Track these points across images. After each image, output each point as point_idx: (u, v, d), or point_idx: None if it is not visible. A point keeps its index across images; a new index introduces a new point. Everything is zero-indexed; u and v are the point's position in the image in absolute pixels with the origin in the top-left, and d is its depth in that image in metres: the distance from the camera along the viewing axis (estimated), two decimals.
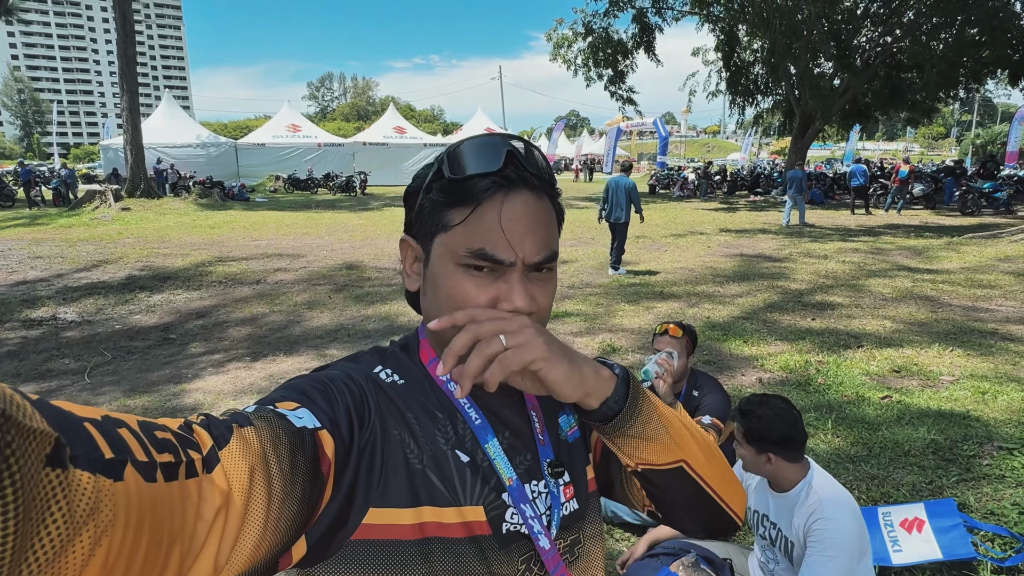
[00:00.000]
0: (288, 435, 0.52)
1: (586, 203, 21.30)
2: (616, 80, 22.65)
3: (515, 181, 0.64)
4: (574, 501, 0.73)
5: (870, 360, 4.91)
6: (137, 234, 13.23)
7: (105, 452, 0.35)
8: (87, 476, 0.33)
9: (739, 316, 6.32)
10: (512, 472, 0.67)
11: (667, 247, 11.20)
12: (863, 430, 3.50)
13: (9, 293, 7.68)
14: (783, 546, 1.98)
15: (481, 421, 0.68)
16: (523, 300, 0.63)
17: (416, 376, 0.69)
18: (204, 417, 0.49)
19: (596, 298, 7.17)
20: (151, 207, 18.15)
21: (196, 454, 0.43)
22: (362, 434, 0.60)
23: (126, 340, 5.80)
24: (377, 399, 0.65)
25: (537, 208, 0.65)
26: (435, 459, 0.64)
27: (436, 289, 0.66)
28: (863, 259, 9.64)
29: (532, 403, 0.74)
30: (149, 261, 9.82)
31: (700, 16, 21.63)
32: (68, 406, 0.36)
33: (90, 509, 0.32)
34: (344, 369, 0.67)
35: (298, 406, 0.57)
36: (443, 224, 0.65)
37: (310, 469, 0.53)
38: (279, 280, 8.39)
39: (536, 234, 0.64)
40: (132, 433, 0.38)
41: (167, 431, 0.42)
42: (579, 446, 0.77)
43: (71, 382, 4.71)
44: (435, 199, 0.65)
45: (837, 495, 1.86)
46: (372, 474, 0.61)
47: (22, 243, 12.06)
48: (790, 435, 1.88)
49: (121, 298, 7.38)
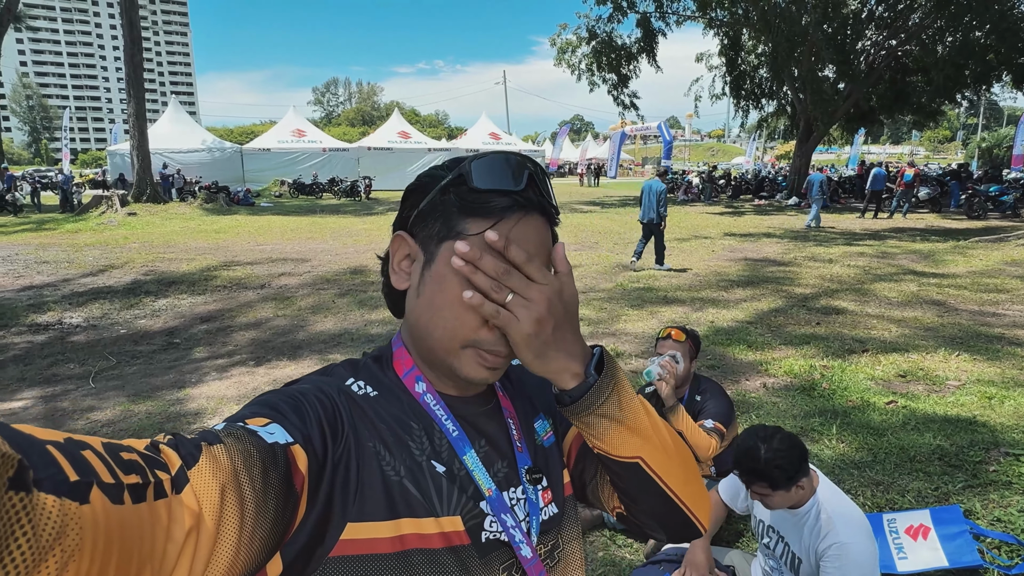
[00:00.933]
0: (259, 451, 0.51)
1: (590, 207, 21.32)
2: (619, 85, 22.69)
3: (534, 204, 0.65)
4: (552, 506, 0.73)
5: (875, 365, 4.88)
6: (143, 239, 13.30)
7: (70, 475, 0.34)
8: (52, 499, 0.32)
9: (744, 321, 6.29)
10: (491, 483, 0.67)
11: (671, 251, 11.16)
12: (868, 436, 3.48)
13: (16, 298, 7.72)
14: (789, 560, 1.96)
15: (458, 433, 0.68)
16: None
17: (389, 388, 0.69)
18: (171, 436, 0.48)
19: (600, 303, 7.16)
20: (157, 212, 18.25)
21: (164, 474, 0.42)
22: (336, 448, 0.60)
23: (131, 344, 5.82)
24: (350, 412, 0.64)
25: (545, 235, 0.67)
26: (411, 470, 0.64)
27: (435, 294, 0.65)
28: (869, 263, 9.60)
29: (508, 411, 0.74)
30: (155, 266, 9.86)
31: (704, 21, 21.64)
32: (29, 429, 0.35)
33: (56, 533, 0.32)
34: (315, 383, 0.66)
35: (269, 422, 0.56)
36: (456, 231, 0.64)
37: (283, 485, 0.52)
38: (284, 284, 8.41)
39: (542, 257, 0.65)
40: (97, 455, 0.37)
41: (133, 452, 0.41)
42: (555, 451, 0.77)
43: (76, 387, 4.73)
44: (450, 204, 0.65)
45: (849, 514, 1.81)
46: (348, 488, 0.60)
47: (29, 248, 12.13)
48: (803, 453, 1.82)
49: (127, 303, 7.41)
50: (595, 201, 24.27)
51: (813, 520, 1.83)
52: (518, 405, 0.76)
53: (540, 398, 0.80)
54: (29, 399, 4.48)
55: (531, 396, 0.79)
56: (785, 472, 1.75)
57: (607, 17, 21.74)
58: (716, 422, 2.61)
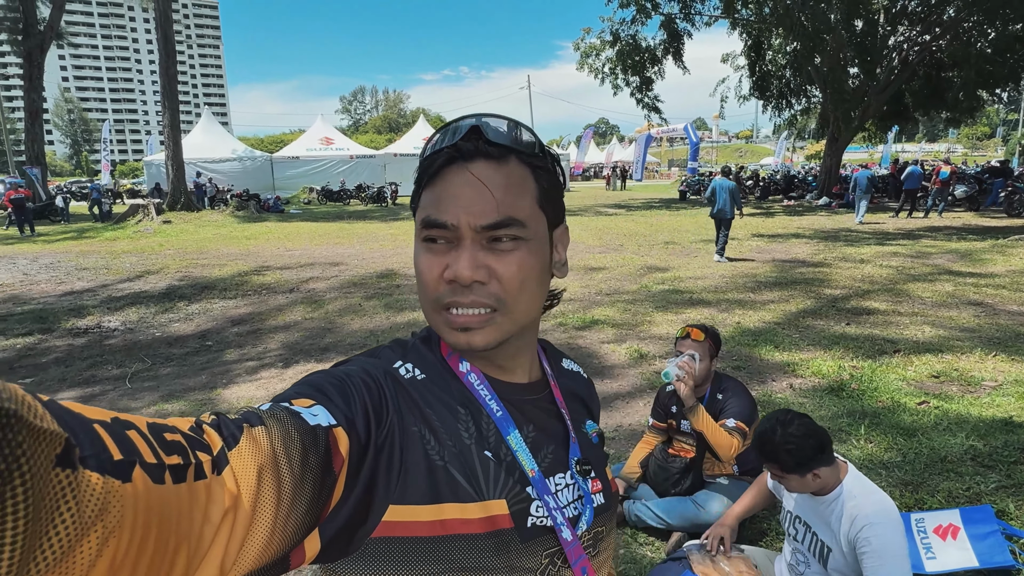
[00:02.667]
0: (301, 434, 0.51)
1: (615, 210, 21.22)
2: (643, 87, 22.58)
3: (470, 152, 0.63)
4: (601, 495, 0.74)
5: (907, 366, 4.77)
6: (177, 246, 13.67)
7: (114, 453, 0.35)
8: (96, 477, 0.33)
9: (771, 322, 6.20)
10: (534, 464, 0.67)
11: (697, 252, 11.07)
12: (898, 436, 3.40)
13: (57, 303, 8.02)
14: (817, 549, 1.94)
15: (502, 413, 0.68)
16: (466, 267, 0.61)
17: (437, 370, 0.69)
18: (215, 416, 0.49)
19: (625, 304, 7.13)
20: (191, 220, 18.74)
21: (205, 456, 0.43)
22: (379, 432, 0.60)
23: (165, 347, 5.99)
24: (396, 395, 0.64)
25: (492, 174, 0.63)
26: (457, 455, 0.63)
27: (416, 265, 0.67)
28: (903, 263, 9.37)
29: (560, 401, 0.75)
30: (188, 271, 10.14)
31: (729, 20, 21.42)
32: (78, 408, 0.36)
33: (99, 510, 0.33)
34: (362, 364, 0.66)
35: (313, 403, 0.56)
36: (417, 205, 0.67)
37: (321, 468, 0.52)
38: (312, 288, 8.57)
39: (486, 198, 0.62)
40: (141, 435, 0.38)
41: (176, 432, 0.42)
42: (600, 450, 0.79)
43: (113, 387, 4.89)
44: (418, 185, 0.67)
45: (879, 499, 1.81)
46: (391, 472, 0.60)
47: (70, 255, 12.58)
48: (822, 441, 1.82)
49: (161, 307, 7.64)
50: (620, 204, 24.15)
51: (840, 508, 1.82)
52: (568, 401, 0.78)
53: (590, 403, 0.84)
54: (69, 399, 4.64)
55: (585, 399, 0.83)
56: (794, 457, 1.77)
57: (631, 20, 21.67)
58: (738, 421, 2.59)
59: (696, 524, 2.55)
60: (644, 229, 15.10)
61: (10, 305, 7.98)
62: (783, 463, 1.79)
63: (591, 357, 5.26)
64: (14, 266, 11.36)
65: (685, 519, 2.59)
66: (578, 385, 0.84)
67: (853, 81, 21.22)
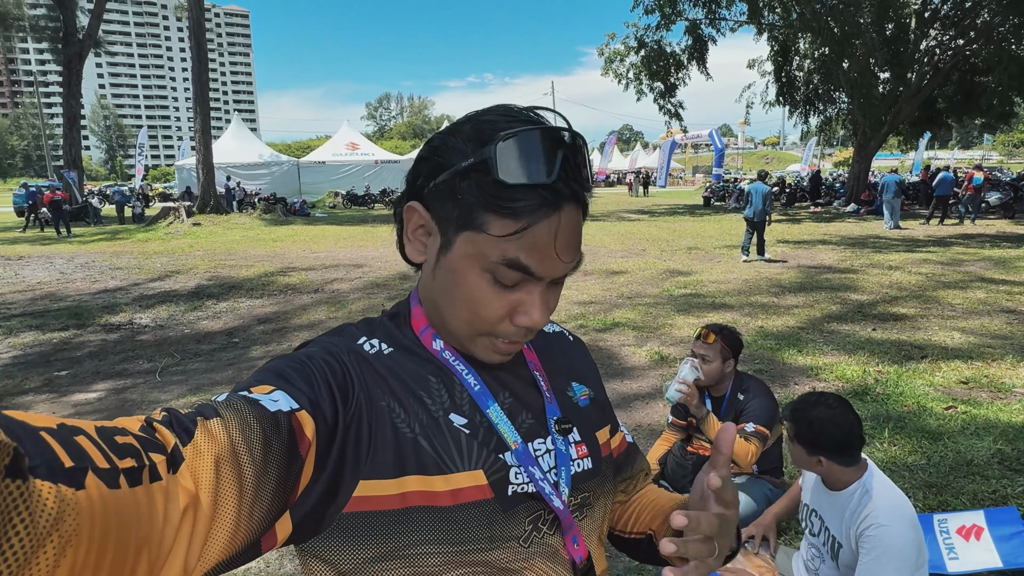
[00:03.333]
0: (260, 421, 0.50)
1: (639, 216, 21.13)
2: (666, 94, 22.48)
3: (566, 197, 0.59)
4: (588, 460, 0.71)
5: (935, 371, 4.68)
6: (206, 247, 13.99)
7: (64, 461, 0.34)
8: (48, 486, 0.32)
9: (795, 326, 6.13)
10: (516, 435, 0.66)
11: (720, 258, 10.97)
12: (923, 439, 3.34)
13: (92, 300, 8.27)
14: (830, 545, 1.93)
15: (480, 387, 0.66)
16: (541, 315, 0.62)
17: (406, 345, 0.67)
18: (167, 413, 0.47)
19: (646, 308, 7.11)
20: (219, 222, 19.15)
21: (159, 456, 0.41)
22: (346, 410, 0.59)
23: (194, 343, 6.14)
24: (361, 371, 0.62)
25: (579, 223, 0.62)
26: (428, 426, 0.62)
27: (453, 285, 0.62)
28: (932, 270, 9.17)
29: (534, 363, 0.74)
30: (217, 272, 10.37)
31: (756, 26, 21.24)
32: (22, 416, 0.34)
33: (53, 519, 0.31)
34: (324, 345, 0.64)
35: (273, 389, 0.54)
36: (477, 225, 0.59)
37: (286, 454, 0.51)
38: (336, 289, 8.70)
39: (574, 247, 0.61)
40: (91, 440, 0.37)
41: (128, 434, 0.41)
42: (592, 412, 0.76)
43: (144, 381, 5.03)
44: (469, 192, 0.59)
45: (893, 501, 1.79)
46: (360, 447, 0.59)
47: (104, 255, 12.95)
48: (845, 440, 1.81)
49: (191, 305, 7.83)
50: (644, 210, 24.04)
51: (855, 503, 1.81)
52: (548, 361, 0.75)
53: (578, 366, 0.80)
54: (103, 391, 4.80)
55: (570, 361, 0.79)
56: (810, 433, 1.80)
57: (655, 25, 21.63)
58: (757, 425, 2.54)
59: None
60: (667, 234, 15.01)
61: (47, 302, 8.25)
62: (799, 431, 1.83)
63: (612, 359, 5.26)
64: (51, 265, 11.74)
65: None
66: (563, 346, 0.81)
67: (883, 87, 20.87)
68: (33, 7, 28.25)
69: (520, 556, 0.64)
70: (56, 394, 4.75)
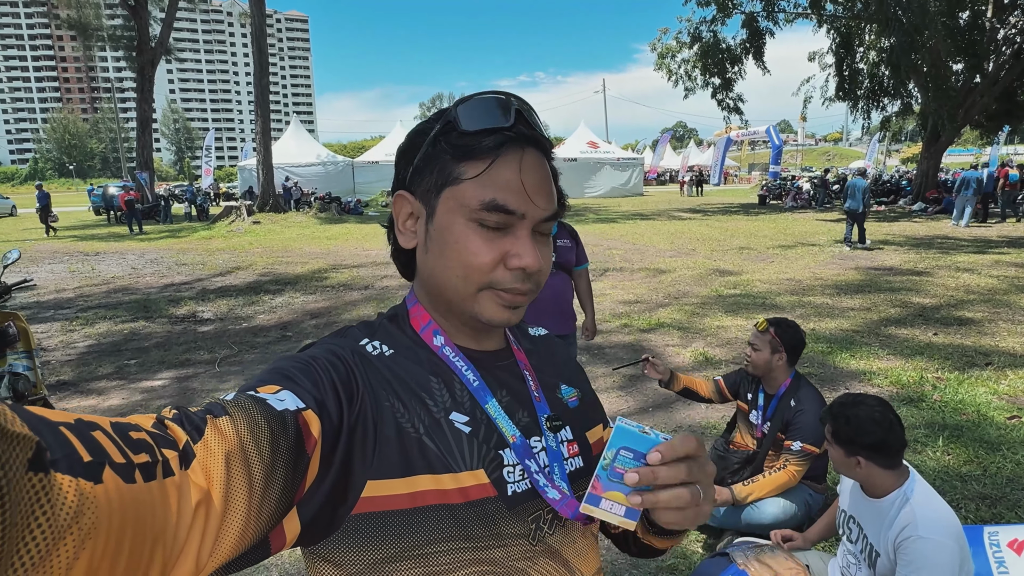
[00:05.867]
0: (268, 420, 0.51)
1: (690, 215, 20.72)
2: (723, 88, 21.91)
3: (528, 139, 0.64)
4: (579, 459, 0.73)
5: (1001, 379, 4.44)
6: (265, 244, 14.56)
7: (83, 455, 0.34)
8: (68, 479, 0.32)
9: (849, 329, 5.92)
10: (515, 430, 0.67)
11: (773, 258, 10.66)
12: (979, 449, 3.18)
13: (159, 294, 8.77)
14: (867, 554, 1.89)
15: (479, 383, 0.68)
16: (533, 257, 0.63)
17: (407, 345, 0.69)
18: (177, 411, 0.48)
19: (693, 308, 6.99)
20: (278, 220, 19.89)
21: (171, 452, 0.42)
22: (351, 410, 0.60)
23: (250, 336, 6.43)
24: (365, 372, 0.64)
25: (545, 166, 0.66)
26: (431, 426, 0.63)
27: (444, 243, 0.65)
28: (1005, 271, 8.66)
29: (524, 363, 0.75)
30: (273, 268, 10.79)
31: (816, 17, 20.44)
32: (41, 411, 0.35)
33: (73, 513, 0.32)
34: (328, 346, 0.66)
35: (280, 389, 0.56)
36: (453, 177, 0.64)
37: (292, 452, 0.52)
38: (386, 286, 8.92)
39: (547, 190, 0.65)
40: (107, 435, 0.37)
41: (141, 431, 0.41)
42: (580, 412, 0.78)
43: (204, 370, 5.31)
44: (443, 152, 0.64)
45: (936, 512, 1.73)
46: (366, 448, 0.60)
47: (171, 252, 13.68)
48: (884, 440, 1.77)
49: (248, 300, 8.19)
50: (696, 208, 23.55)
51: (895, 512, 1.75)
52: (538, 364, 0.77)
53: (566, 369, 0.82)
54: (167, 379, 5.10)
55: (558, 363, 0.81)
56: (848, 432, 1.78)
57: (710, 19, 21.13)
58: (805, 444, 2.46)
59: (749, 524, 2.51)
60: (718, 234, 14.68)
61: (120, 295, 8.79)
62: (837, 428, 1.81)
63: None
64: (124, 261, 12.48)
65: (738, 518, 2.55)
66: (551, 348, 0.84)
67: (957, 78, 19.73)
68: (111, 18, 30.01)
69: (527, 555, 0.65)
70: (125, 381, 5.07)
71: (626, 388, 4.55)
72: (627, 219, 19.46)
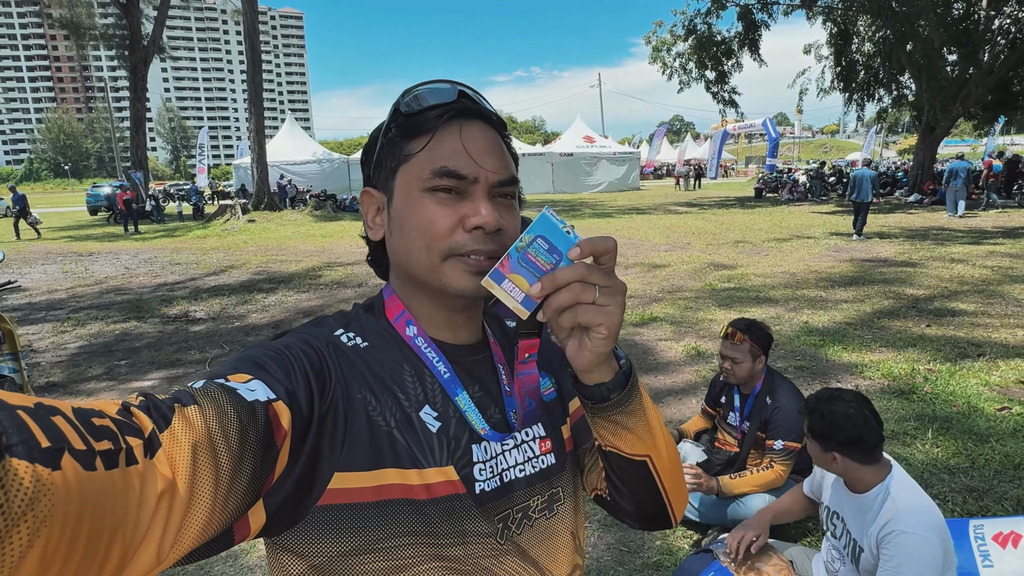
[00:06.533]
0: (237, 410, 0.49)
1: (686, 208, 20.70)
2: (718, 81, 21.86)
3: (471, 111, 0.67)
4: (551, 456, 0.73)
5: (992, 370, 4.43)
6: (259, 243, 14.52)
7: (41, 441, 0.33)
8: (24, 465, 0.31)
9: (842, 321, 5.91)
10: (485, 423, 0.67)
11: (768, 251, 10.65)
12: (968, 441, 3.18)
13: (152, 294, 8.74)
14: (850, 549, 1.88)
15: (450, 375, 0.68)
16: (491, 214, 0.63)
17: (381, 336, 0.69)
18: (144, 398, 0.47)
19: (686, 302, 6.98)
20: (273, 219, 19.84)
21: (136, 440, 0.41)
22: (323, 401, 0.59)
23: (242, 335, 6.41)
24: (339, 363, 0.63)
25: (494, 136, 0.68)
26: (402, 420, 0.63)
27: (403, 220, 0.66)
28: (999, 262, 8.65)
29: (499, 357, 0.74)
30: (267, 267, 10.76)
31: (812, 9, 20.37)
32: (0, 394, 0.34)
33: (28, 500, 0.31)
34: (303, 335, 0.65)
35: (251, 378, 0.54)
36: (404, 156, 0.66)
37: (261, 442, 0.51)
38: (379, 283, 8.82)
39: (496, 156, 0.66)
40: (68, 421, 0.36)
41: (105, 417, 0.40)
42: (556, 407, 0.78)
43: (194, 371, 5.29)
44: (394, 137, 0.67)
45: (918, 506, 1.72)
46: (335, 440, 0.59)
47: (165, 251, 13.63)
48: (859, 436, 1.76)
49: (241, 299, 8.16)
50: (692, 202, 23.53)
51: (877, 507, 1.75)
52: (508, 355, 0.76)
53: (542, 357, 0.79)
54: (156, 379, 5.07)
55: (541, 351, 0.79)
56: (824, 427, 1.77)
57: (705, 11, 21.06)
58: (787, 441, 2.45)
59: (735, 519, 2.50)
60: (714, 227, 14.66)
61: (112, 295, 8.76)
62: (813, 424, 1.81)
63: (646, 354, 5.20)
64: (118, 261, 12.44)
65: (724, 514, 2.54)
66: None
67: (952, 69, 19.68)
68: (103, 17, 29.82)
69: (493, 553, 0.65)
70: (115, 381, 5.05)
71: None
72: (623, 213, 19.43)
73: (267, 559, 0.63)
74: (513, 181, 0.68)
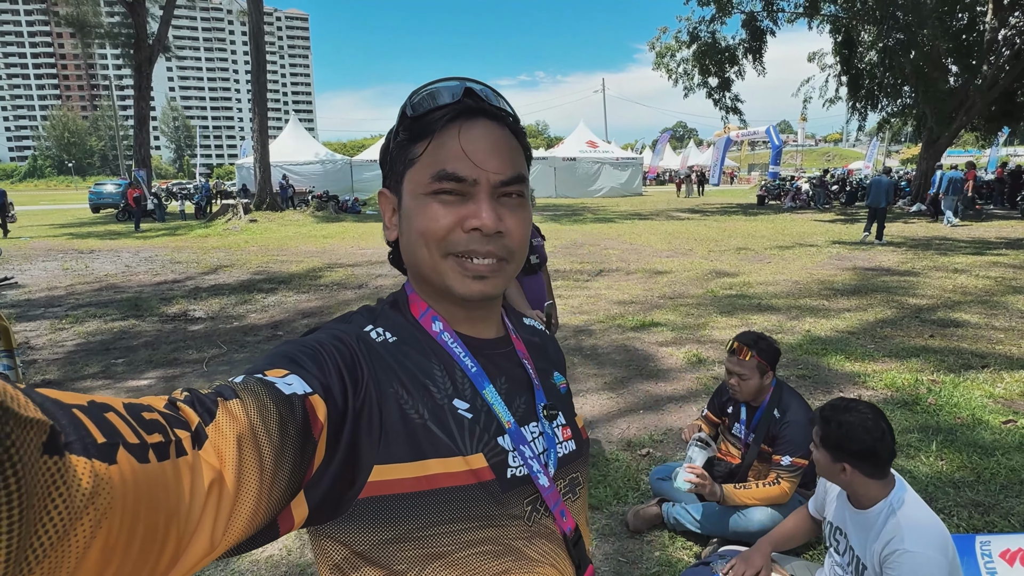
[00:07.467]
0: (276, 403, 0.51)
1: (689, 215, 20.67)
2: (721, 89, 21.85)
3: (473, 110, 0.66)
4: (572, 442, 0.77)
5: (997, 382, 4.38)
6: (261, 243, 14.49)
7: (97, 437, 0.35)
8: (83, 461, 0.33)
9: (844, 331, 5.86)
10: (510, 416, 0.69)
11: (770, 259, 10.61)
12: (973, 454, 3.13)
13: (151, 292, 8.70)
14: (854, 566, 1.83)
15: (477, 369, 0.70)
16: (489, 216, 0.64)
17: (409, 331, 0.70)
18: (188, 393, 0.49)
19: (688, 308, 6.94)
20: (274, 219, 19.82)
21: (184, 432, 0.43)
22: (356, 395, 0.61)
23: (241, 335, 6.37)
24: (369, 358, 0.65)
25: (499, 134, 0.68)
26: (434, 412, 0.65)
27: (409, 222, 0.68)
28: (1003, 273, 8.61)
29: (523, 352, 0.78)
30: (267, 267, 10.73)
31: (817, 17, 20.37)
32: (55, 394, 0.36)
33: (89, 494, 0.33)
34: (333, 331, 0.67)
35: (287, 373, 0.56)
36: (409, 160, 0.68)
37: (300, 436, 0.53)
38: (380, 285, 8.86)
39: (499, 155, 0.66)
40: (120, 416, 0.38)
41: (154, 411, 0.42)
42: (569, 399, 0.83)
43: (192, 370, 5.25)
44: (401, 141, 0.69)
45: (923, 524, 1.68)
46: (372, 433, 0.61)
47: (166, 250, 13.61)
48: (873, 449, 1.72)
49: (241, 298, 8.12)
50: (695, 209, 23.50)
51: (880, 524, 1.71)
52: (534, 351, 0.81)
53: (555, 357, 0.87)
54: (153, 379, 5.04)
55: (550, 352, 0.86)
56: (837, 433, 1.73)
57: (710, 18, 21.06)
58: (795, 458, 2.39)
59: (736, 532, 2.45)
60: (716, 234, 14.62)
61: (111, 293, 8.73)
62: (826, 433, 1.76)
63: (647, 360, 5.16)
64: (118, 259, 12.42)
65: (725, 526, 2.49)
66: (541, 338, 0.87)
67: (955, 79, 19.67)
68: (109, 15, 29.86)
69: (524, 534, 0.68)
70: (111, 380, 5.01)
71: (616, 390, 4.49)
72: (625, 219, 19.40)
73: (310, 543, 0.67)
74: (519, 179, 0.68)
